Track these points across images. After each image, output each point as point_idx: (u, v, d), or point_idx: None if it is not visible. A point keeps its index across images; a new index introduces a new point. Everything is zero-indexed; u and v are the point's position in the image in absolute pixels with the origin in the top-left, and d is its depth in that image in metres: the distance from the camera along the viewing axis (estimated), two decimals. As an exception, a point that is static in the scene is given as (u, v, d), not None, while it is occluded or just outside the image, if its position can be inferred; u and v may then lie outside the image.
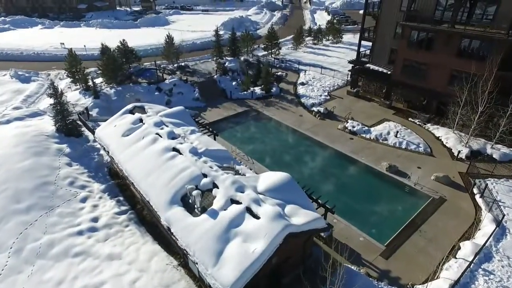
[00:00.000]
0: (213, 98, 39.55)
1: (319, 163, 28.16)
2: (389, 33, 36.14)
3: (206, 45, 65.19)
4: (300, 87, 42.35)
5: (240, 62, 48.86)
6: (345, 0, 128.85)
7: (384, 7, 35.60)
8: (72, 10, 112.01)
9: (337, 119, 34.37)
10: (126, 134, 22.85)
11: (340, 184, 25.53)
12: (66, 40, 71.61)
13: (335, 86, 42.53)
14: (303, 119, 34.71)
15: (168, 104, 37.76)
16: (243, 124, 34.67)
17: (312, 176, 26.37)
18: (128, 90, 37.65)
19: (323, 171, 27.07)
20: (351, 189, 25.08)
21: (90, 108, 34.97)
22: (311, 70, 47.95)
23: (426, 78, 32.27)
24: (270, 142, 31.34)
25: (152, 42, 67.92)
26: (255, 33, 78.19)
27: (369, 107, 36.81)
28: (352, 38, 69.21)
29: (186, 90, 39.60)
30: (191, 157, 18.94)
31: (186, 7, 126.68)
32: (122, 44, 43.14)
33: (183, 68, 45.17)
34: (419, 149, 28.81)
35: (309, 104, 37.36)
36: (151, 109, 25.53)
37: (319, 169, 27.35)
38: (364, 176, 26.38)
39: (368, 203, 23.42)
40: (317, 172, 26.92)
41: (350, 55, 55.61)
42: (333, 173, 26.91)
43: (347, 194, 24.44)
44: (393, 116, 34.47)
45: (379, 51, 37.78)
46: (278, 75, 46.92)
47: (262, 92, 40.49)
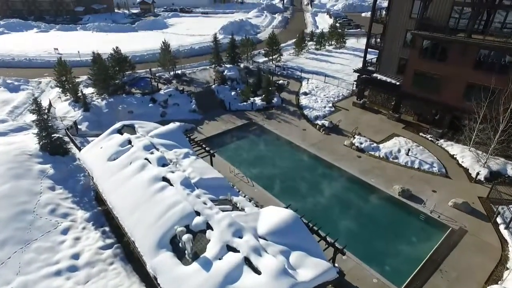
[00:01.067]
0: (211, 109, 37.34)
1: (324, 186, 25.91)
2: (398, 41, 33.93)
3: (205, 50, 63.11)
4: (302, 97, 40.12)
5: (240, 70, 46.68)
6: (347, 3, 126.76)
7: (392, 14, 33.40)
8: (69, 13, 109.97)
9: (343, 134, 32.13)
10: (112, 158, 20.65)
11: (348, 211, 23.27)
12: (61, 45, 69.54)
13: (339, 96, 40.29)
14: (307, 133, 32.48)
15: (163, 116, 35.64)
16: (243, 139, 32.44)
17: (317, 201, 24.12)
18: (120, 102, 35.44)
19: (329, 195, 24.82)
20: (361, 217, 22.82)
21: (79, 122, 32.76)
22: (314, 78, 45.74)
23: (439, 90, 30.04)
24: (271, 160, 29.08)
25: (149, 47, 65.80)
26: (255, 38, 76.07)
27: (376, 120, 34.57)
28: (355, 43, 67.12)
29: (182, 101, 37.39)
30: (183, 190, 16.71)
31: (186, 9, 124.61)
32: (115, 52, 40.98)
33: (180, 76, 42.98)
34: (433, 169, 26.56)
35: (312, 117, 35.12)
36: (141, 127, 23.32)
37: (324, 193, 25.09)
38: (374, 201, 24.10)
39: (380, 234, 21.21)
40: (322, 197, 24.66)
41: (354, 62, 53.51)
42: (340, 197, 24.66)
43: (356, 223, 22.19)
44: (403, 131, 32.23)
45: (387, 60, 35.57)
46: (280, 83, 44.70)
47: (263, 103, 38.27)
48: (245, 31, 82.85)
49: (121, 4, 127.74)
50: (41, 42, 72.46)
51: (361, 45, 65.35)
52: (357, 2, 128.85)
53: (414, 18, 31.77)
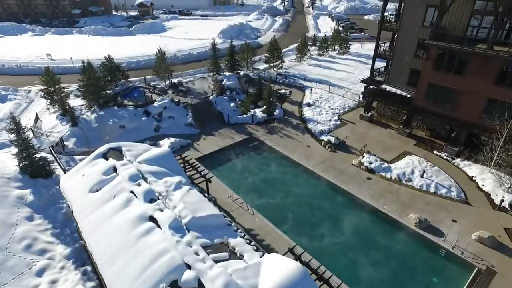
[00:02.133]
0: (208, 122, 34.99)
1: (331, 213, 23.56)
2: (408, 51, 31.58)
3: (203, 55, 60.80)
4: (306, 108, 37.75)
5: (240, 78, 44.34)
6: (349, 5, 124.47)
7: (403, 21, 31.05)
8: (66, 16, 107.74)
9: (350, 152, 29.76)
10: (94, 189, 18.30)
11: (357, 245, 20.90)
12: (54, 50, 67.25)
13: (345, 108, 37.92)
14: (311, 150, 30.11)
15: (157, 130, 33.32)
16: (242, 157, 30.05)
17: (323, 232, 21.76)
18: (111, 115, 33.06)
19: (337, 225, 22.45)
20: (372, 251, 20.44)
21: (66, 138, 30.41)
22: (317, 87, 43.37)
23: (455, 106, 27.69)
24: (273, 183, 26.69)
25: (146, 51, 63.41)
26: (255, 42, 73.80)
27: (386, 135, 32.19)
28: (359, 48, 64.78)
29: (178, 114, 35.03)
30: (171, 236, 14.35)
31: (185, 11, 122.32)
32: (107, 60, 38.65)
33: (176, 86, 40.62)
34: (451, 193, 24.17)
35: (317, 131, 32.75)
36: (129, 151, 20.96)
37: (331, 222, 22.73)
38: (387, 233, 21.74)
39: (394, 273, 18.85)
40: (329, 227, 22.30)
41: (359, 69, 51.20)
42: (349, 228, 22.26)
43: (368, 259, 19.82)
44: (415, 148, 29.87)
45: (397, 70, 33.20)
46: (282, 93, 42.36)
47: (264, 116, 35.90)
48: (245, 35, 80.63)
49: (119, 6, 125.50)
50: (34, 47, 70.18)
51: (366, 51, 63.16)
52: (360, 4, 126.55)
53: (427, 26, 29.44)
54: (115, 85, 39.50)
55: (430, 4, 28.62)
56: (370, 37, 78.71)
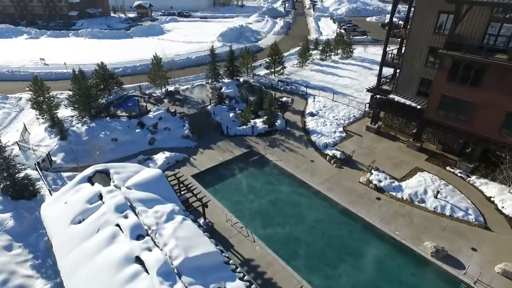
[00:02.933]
0: (206, 134, 33.11)
1: (337, 239, 21.66)
2: (418, 59, 29.70)
3: (202, 60, 58.93)
4: (309, 119, 35.84)
5: (239, 85, 42.46)
6: (350, 7, 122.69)
7: (413, 28, 29.16)
8: (63, 18, 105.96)
9: (357, 168, 27.87)
10: (77, 220, 16.43)
11: (367, 278, 18.98)
12: (49, 54, 65.41)
13: (350, 118, 36.02)
14: (316, 166, 28.22)
15: (152, 143, 31.42)
16: (242, 173, 28.15)
17: (330, 262, 19.88)
18: (103, 127, 31.17)
19: (345, 254, 20.54)
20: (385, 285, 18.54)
21: (54, 153, 28.55)
22: (320, 95, 41.48)
23: (471, 119, 25.79)
24: (275, 203, 24.77)
25: (143, 56, 61.56)
26: (256, 45, 71.94)
27: (395, 149, 30.30)
28: (363, 53, 62.88)
29: (174, 125, 33.14)
30: (160, 285, 12.45)
31: (184, 13, 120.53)
32: (100, 67, 36.78)
33: (173, 94, 38.73)
34: (469, 217, 22.27)
35: (321, 145, 30.86)
36: (117, 174, 19.07)
37: (339, 250, 20.83)
38: (401, 263, 19.84)
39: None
40: (336, 255, 20.41)
41: (364, 75, 49.33)
42: (357, 256, 20.35)
43: (382, 294, 17.95)
44: (427, 164, 27.98)
45: (406, 79, 31.31)
46: (283, 101, 40.47)
47: (265, 127, 34.00)
48: (245, 38, 78.82)
49: (117, 7, 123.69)
50: (29, 50, 68.38)
51: (369, 55, 61.30)
52: (361, 6, 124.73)
53: (439, 33, 27.59)
54: (108, 93, 37.67)
55: (442, 10, 26.73)
56: (373, 40, 76.90)
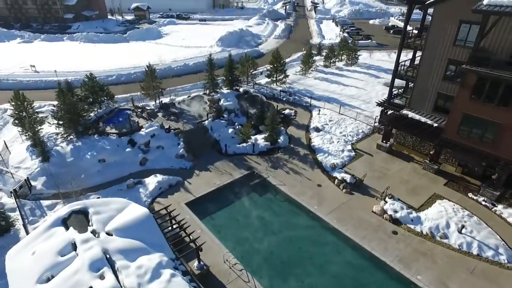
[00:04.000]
0: (202, 153, 30.45)
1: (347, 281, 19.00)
2: (436, 72, 27.04)
3: (200, 66, 56.30)
4: (314, 135, 33.18)
5: (239, 96, 39.82)
6: (352, 9, 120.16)
7: (430, 38, 26.49)
8: (58, 20, 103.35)
9: (369, 194, 25.21)
10: (44, 278, 13.78)
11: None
12: (41, 59, 62.71)
13: (359, 133, 33.35)
14: (323, 192, 25.55)
15: (143, 164, 28.77)
16: (241, 201, 25.49)
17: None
18: (90, 146, 28.50)
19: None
20: None
21: (35, 176, 25.93)
22: (326, 107, 38.78)
23: (497, 142, 23.12)
24: (279, 238, 22.07)
25: (139, 62, 58.85)
26: (256, 50, 69.35)
27: (409, 171, 27.62)
28: (368, 59, 60.21)
29: (167, 143, 30.46)
30: None
31: (182, 15, 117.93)
32: (89, 78, 34.15)
33: (167, 107, 36.04)
34: (500, 257, 19.62)
35: (328, 166, 28.20)
36: (97, 214, 16.43)
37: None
38: (426, 316, 17.20)
39: None
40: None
41: (371, 84, 46.67)
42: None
43: None
44: (446, 189, 25.32)
45: (421, 94, 28.65)
46: (286, 114, 37.81)
47: (267, 144, 31.36)
48: (245, 42, 76.24)
49: (114, 10, 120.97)
50: (20, 56, 65.72)
51: (375, 61, 58.66)
52: (364, 8, 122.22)
53: (460, 45, 24.93)
54: (99, 106, 35.04)
55: (464, 19, 24.06)
56: (378, 45, 74.32)
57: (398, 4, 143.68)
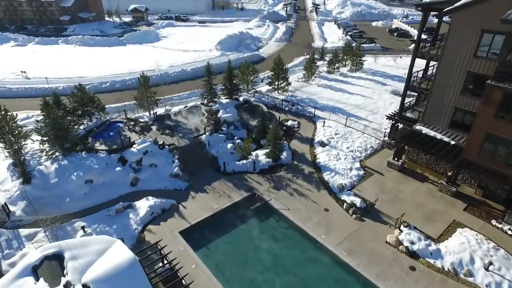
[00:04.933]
0: (199, 171, 28.18)
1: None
2: (453, 85, 24.78)
3: (198, 72, 54.24)
4: (319, 150, 30.91)
5: (239, 106, 37.57)
6: (355, 10, 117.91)
7: (448, 49, 24.21)
8: (54, 22, 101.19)
9: (382, 220, 22.93)
10: None
11: None
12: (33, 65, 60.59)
13: (367, 148, 31.06)
14: (331, 218, 23.26)
15: (134, 185, 26.50)
16: (241, 228, 23.20)
17: None
18: (77, 165, 26.20)
19: None
20: None
21: (15, 200, 23.63)
22: (331, 118, 36.48)
23: (524, 165, 20.87)
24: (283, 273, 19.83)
25: (135, 68, 56.79)
26: (256, 55, 67.15)
27: (424, 193, 25.33)
28: (373, 64, 57.94)
29: (161, 161, 28.18)
30: None
31: (181, 17, 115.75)
32: (78, 89, 31.89)
33: (162, 119, 33.78)
34: (533, 300, 17.34)
35: (336, 186, 25.93)
36: (74, 260, 14.12)
37: None
38: None
39: None
40: None
41: (377, 92, 44.42)
42: None
43: None
44: (466, 215, 23.03)
45: (436, 108, 26.40)
46: (288, 125, 35.52)
47: (268, 161, 29.10)
48: (245, 46, 73.98)
49: (112, 11, 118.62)
50: (12, 60, 63.57)
51: (381, 67, 56.39)
52: (366, 10, 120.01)
53: (482, 57, 22.66)
54: (89, 118, 32.82)
55: (487, 29, 21.82)
56: (382, 48, 72.10)
57: (400, 6, 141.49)
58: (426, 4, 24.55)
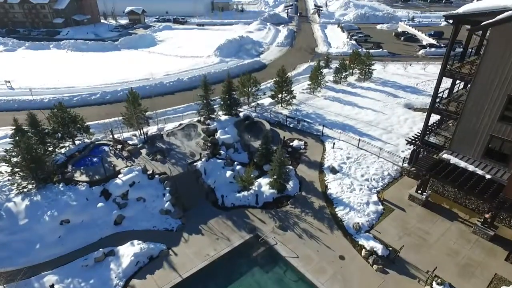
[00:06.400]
0: (194, 205, 24.64)
1: None
2: (490, 110, 21.27)
3: (195, 82, 50.44)
4: (330, 177, 27.35)
5: (239, 123, 34.05)
6: (358, 13, 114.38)
7: (484, 68, 20.67)
8: (47, 25, 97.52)
9: (409, 273, 19.37)
10: None
11: None
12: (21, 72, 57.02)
13: (385, 177, 27.49)
14: (348, 268, 19.72)
15: (118, 224, 22.96)
16: (242, 281, 19.64)
17: None
18: (52, 202, 22.57)
19: None
20: None
21: (-25, 248, 20.03)
22: (341, 137, 32.90)
23: None
24: None
25: (128, 76, 53.32)
26: (258, 62, 63.50)
27: (456, 236, 21.75)
28: (382, 72, 54.38)
29: (151, 194, 24.56)
30: None
31: (179, 19, 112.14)
32: (58, 109, 28.30)
33: (154, 140, 30.13)
34: None
35: (351, 226, 22.40)
36: None
37: None
38: None
39: None
40: None
41: (389, 105, 40.90)
42: None
43: None
44: (510, 268, 19.46)
45: (466, 135, 22.87)
46: (294, 147, 31.97)
47: (273, 192, 25.54)
48: (245, 52, 70.41)
49: (108, 13, 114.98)
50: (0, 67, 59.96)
51: (390, 75, 52.87)
52: (370, 12, 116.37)
53: (528, 80, 19.12)
54: (72, 141, 29.28)
55: (535, 47, 18.29)
56: (390, 54, 68.52)
57: (404, 7, 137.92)
58: (458, 16, 20.94)
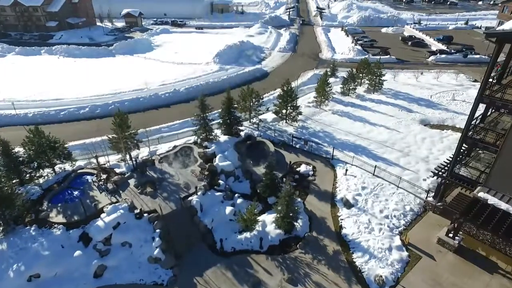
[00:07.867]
0: (188, 252, 21.22)
1: None
2: (536, 145, 17.85)
3: (192, 93, 47.36)
4: (344, 213, 23.97)
5: (240, 144, 30.76)
6: (362, 15, 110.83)
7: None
8: (40, 29, 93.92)
9: None
10: None
11: None
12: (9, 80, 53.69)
13: (407, 213, 24.07)
14: None
15: (99, 276, 19.59)
16: None
17: None
18: (20, 251, 19.19)
19: None
20: None
21: None
22: (354, 161, 29.50)
23: None
24: None
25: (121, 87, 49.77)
26: (259, 69, 59.99)
27: (498, 294, 18.43)
28: (392, 82, 50.89)
29: (138, 238, 21.15)
30: None
31: (178, 22, 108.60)
32: (35, 135, 24.88)
33: (143, 168, 26.74)
34: None
35: (373, 279, 19.05)
36: None
37: None
38: None
39: None
40: None
41: (404, 121, 37.58)
42: None
43: None
44: None
45: (507, 171, 19.45)
46: (302, 173, 28.57)
47: (279, 233, 22.17)
48: (246, 58, 66.93)
49: (103, 15, 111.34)
50: (-15, 76, 56.53)
51: (401, 86, 49.47)
52: (374, 14, 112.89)
53: None
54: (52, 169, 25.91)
55: None
56: (398, 61, 64.98)
57: (409, 9, 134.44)
58: (503, 34, 17.57)
